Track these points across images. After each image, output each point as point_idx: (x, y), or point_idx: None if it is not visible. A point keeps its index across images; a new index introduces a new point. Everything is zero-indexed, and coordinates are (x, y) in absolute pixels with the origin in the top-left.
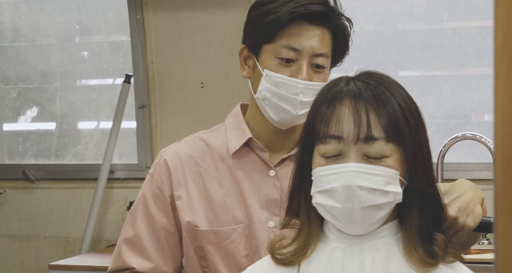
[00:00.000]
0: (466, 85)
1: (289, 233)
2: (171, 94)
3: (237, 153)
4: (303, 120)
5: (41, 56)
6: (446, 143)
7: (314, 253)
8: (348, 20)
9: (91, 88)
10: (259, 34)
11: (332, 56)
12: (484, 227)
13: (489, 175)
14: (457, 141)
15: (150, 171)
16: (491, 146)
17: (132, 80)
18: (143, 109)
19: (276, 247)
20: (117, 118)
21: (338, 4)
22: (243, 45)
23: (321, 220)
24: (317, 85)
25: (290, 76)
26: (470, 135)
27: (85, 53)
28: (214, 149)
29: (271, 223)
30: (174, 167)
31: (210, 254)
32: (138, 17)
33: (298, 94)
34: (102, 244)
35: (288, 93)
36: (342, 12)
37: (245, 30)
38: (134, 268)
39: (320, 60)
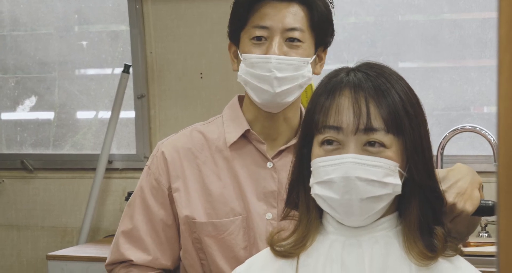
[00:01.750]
0: (466, 77)
1: (288, 225)
2: (170, 84)
3: (234, 145)
4: (288, 99)
5: (39, 45)
6: (446, 135)
7: (313, 246)
8: None
9: (90, 77)
10: (234, 22)
11: (316, 32)
12: (483, 211)
13: (488, 167)
14: (457, 133)
15: (148, 163)
16: (491, 139)
17: (131, 70)
18: (141, 99)
19: (275, 239)
20: (116, 108)
21: None
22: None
23: (320, 211)
24: (292, 60)
25: (264, 54)
26: (470, 127)
27: (84, 42)
28: (211, 141)
29: (269, 215)
30: (171, 159)
31: (208, 246)
32: (137, 7)
33: (271, 70)
34: (100, 234)
35: (262, 71)
36: None
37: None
38: (132, 260)
39: (294, 34)
